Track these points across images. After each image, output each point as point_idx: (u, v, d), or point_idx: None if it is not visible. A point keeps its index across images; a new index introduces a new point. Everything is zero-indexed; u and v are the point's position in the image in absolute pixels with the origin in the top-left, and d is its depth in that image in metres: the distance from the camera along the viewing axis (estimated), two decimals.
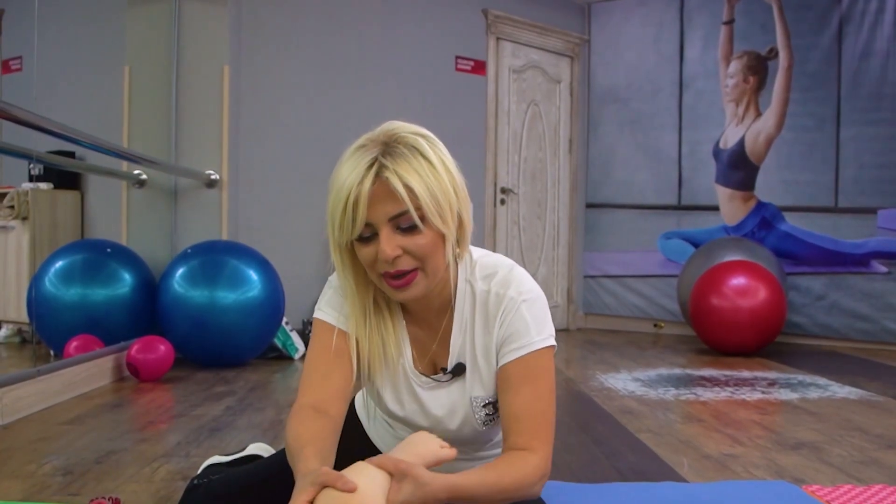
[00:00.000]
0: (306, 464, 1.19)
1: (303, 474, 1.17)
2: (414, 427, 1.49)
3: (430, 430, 1.45)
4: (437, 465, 1.24)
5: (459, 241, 1.35)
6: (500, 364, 1.37)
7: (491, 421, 1.43)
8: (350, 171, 1.26)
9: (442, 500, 1.20)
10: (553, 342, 1.38)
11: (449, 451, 1.26)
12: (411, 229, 1.26)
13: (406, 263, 1.28)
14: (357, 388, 1.68)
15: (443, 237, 1.29)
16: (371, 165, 1.25)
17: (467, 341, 1.41)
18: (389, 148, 1.26)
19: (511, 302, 1.36)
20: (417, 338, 1.45)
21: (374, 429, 1.64)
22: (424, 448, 1.25)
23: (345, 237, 1.28)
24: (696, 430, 2.89)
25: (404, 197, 1.23)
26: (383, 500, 1.13)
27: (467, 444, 1.48)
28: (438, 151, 1.29)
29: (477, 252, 1.44)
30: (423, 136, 1.30)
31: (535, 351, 1.35)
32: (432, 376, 1.44)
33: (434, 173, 1.26)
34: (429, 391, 1.44)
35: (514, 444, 1.33)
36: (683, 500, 1.95)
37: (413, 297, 1.32)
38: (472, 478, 1.24)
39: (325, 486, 1.11)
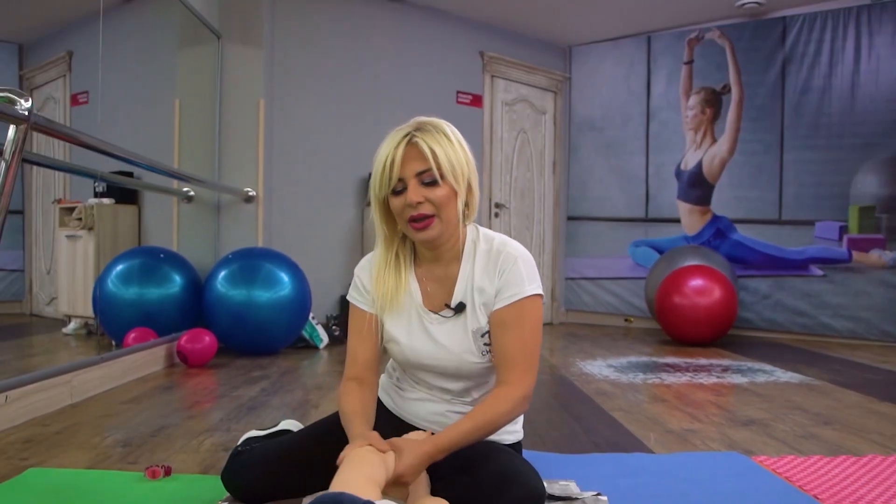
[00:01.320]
0: (358, 428, 1.42)
1: (357, 434, 1.39)
2: (423, 366, 1.55)
3: (438, 360, 1.53)
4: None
5: (468, 203, 1.49)
6: (495, 307, 1.47)
7: (489, 351, 1.50)
8: (389, 143, 1.44)
9: (433, 454, 1.36)
10: (541, 292, 1.50)
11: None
12: (432, 184, 1.42)
13: (427, 209, 1.42)
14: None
15: (455, 194, 1.44)
16: (405, 136, 1.43)
17: (468, 285, 1.51)
18: (420, 127, 1.45)
19: (509, 255, 1.49)
20: (429, 285, 1.55)
21: (391, 399, 1.67)
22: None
23: (383, 192, 1.45)
24: (660, 409, 2.89)
25: (429, 157, 1.41)
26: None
27: (471, 379, 1.55)
28: (457, 134, 1.48)
29: (482, 228, 1.58)
30: (445, 123, 1.49)
31: (526, 298, 1.46)
32: (439, 312, 1.52)
33: (451, 146, 1.44)
34: (437, 325, 1.53)
35: (499, 379, 1.46)
36: (650, 469, 1.95)
37: (430, 237, 1.45)
38: (452, 432, 1.39)
39: (369, 444, 1.34)
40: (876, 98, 5.09)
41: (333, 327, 4.73)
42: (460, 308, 1.51)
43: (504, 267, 1.48)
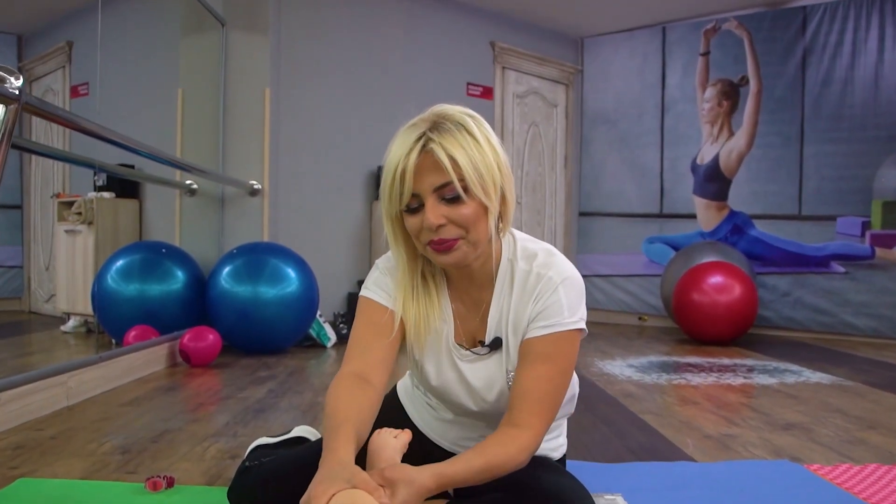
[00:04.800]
0: (339, 451, 1.05)
1: (337, 462, 1.03)
2: (453, 403, 1.33)
3: (469, 401, 1.30)
4: None
5: (502, 216, 1.22)
6: (527, 336, 1.22)
7: None
8: (400, 146, 1.15)
9: (433, 490, 1.09)
10: (582, 326, 1.23)
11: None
12: (455, 200, 1.14)
13: (450, 233, 1.15)
14: (398, 373, 1.53)
15: (486, 209, 1.16)
16: (418, 139, 1.14)
17: (504, 316, 1.25)
18: (437, 125, 1.15)
19: (549, 281, 1.22)
20: (460, 312, 1.30)
21: (418, 413, 1.47)
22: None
23: (394, 208, 1.17)
24: (693, 412, 2.71)
25: (448, 168, 1.12)
26: None
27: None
28: (484, 129, 1.18)
29: (520, 235, 1.30)
30: (469, 115, 1.18)
31: (563, 332, 1.21)
32: (471, 349, 1.28)
33: (478, 148, 1.14)
34: (468, 364, 1.29)
35: (512, 419, 1.18)
36: (700, 480, 1.77)
37: (455, 261, 1.18)
38: (459, 464, 1.12)
39: (354, 488, 0.99)
40: None
41: (341, 325, 4.56)
42: (496, 344, 1.27)
43: (542, 293, 1.22)
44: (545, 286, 1.22)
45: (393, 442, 1.18)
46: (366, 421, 1.15)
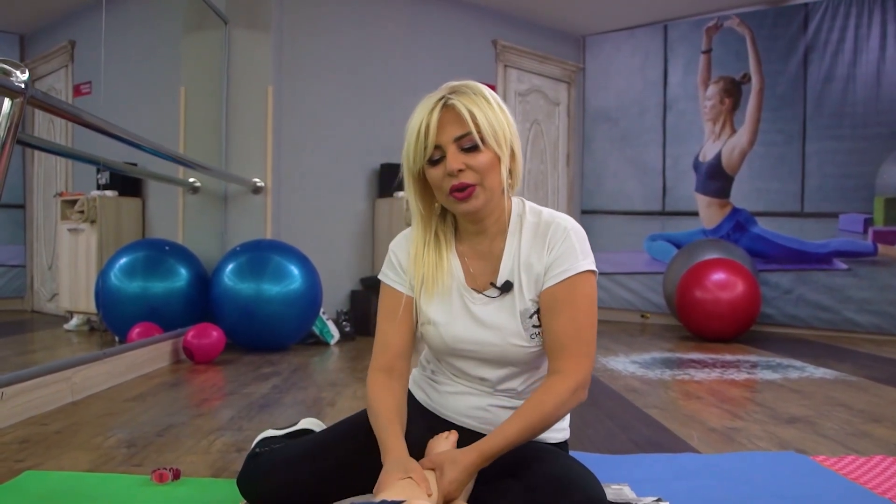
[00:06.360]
0: (396, 450, 1.25)
1: (395, 459, 1.23)
2: (465, 353, 1.38)
3: (484, 344, 1.36)
4: None
5: (512, 172, 1.35)
6: (545, 286, 1.32)
7: (537, 334, 1.33)
8: (422, 108, 1.30)
9: (479, 463, 1.23)
10: (595, 268, 1.34)
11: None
12: (473, 149, 1.28)
13: (468, 177, 1.28)
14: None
15: (499, 160, 1.30)
16: (440, 100, 1.30)
17: (515, 262, 1.36)
18: (455, 90, 1.31)
19: (560, 228, 1.34)
20: (472, 264, 1.40)
21: (424, 393, 1.50)
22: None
23: (418, 164, 1.31)
24: (697, 406, 2.71)
25: (467, 120, 1.26)
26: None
27: (515, 366, 1.37)
28: (496, 98, 1.33)
29: (528, 201, 1.42)
30: (483, 85, 1.33)
31: (579, 274, 1.30)
32: (483, 292, 1.37)
33: (492, 109, 1.29)
34: (481, 306, 1.37)
35: (552, 368, 1.32)
36: (706, 470, 1.77)
37: (474, 208, 1.31)
38: (500, 436, 1.24)
39: (409, 477, 1.18)
40: None
41: (344, 323, 4.56)
42: (507, 287, 1.34)
43: (554, 241, 1.32)
44: (555, 232, 1.33)
45: (444, 442, 1.33)
46: (403, 411, 1.36)
